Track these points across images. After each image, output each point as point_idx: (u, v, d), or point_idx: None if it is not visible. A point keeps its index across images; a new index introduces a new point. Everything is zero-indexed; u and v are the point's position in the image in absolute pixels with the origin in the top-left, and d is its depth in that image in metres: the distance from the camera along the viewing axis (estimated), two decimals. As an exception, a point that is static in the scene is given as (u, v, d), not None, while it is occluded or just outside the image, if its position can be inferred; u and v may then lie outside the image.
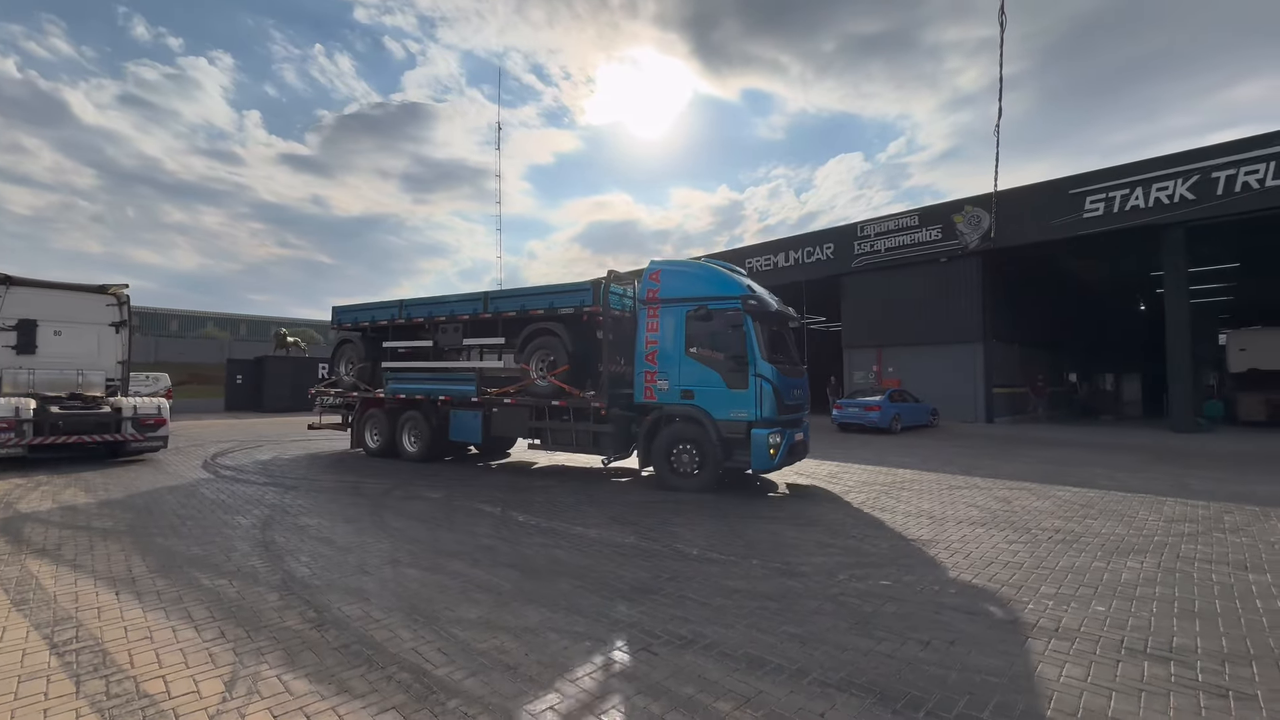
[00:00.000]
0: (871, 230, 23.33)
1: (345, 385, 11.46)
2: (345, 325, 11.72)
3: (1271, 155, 15.33)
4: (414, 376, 10.47)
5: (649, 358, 8.22)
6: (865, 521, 6.22)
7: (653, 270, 8.41)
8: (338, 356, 11.78)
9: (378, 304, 11.29)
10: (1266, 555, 4.99)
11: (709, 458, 7.75)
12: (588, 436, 8.61)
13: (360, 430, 11.25)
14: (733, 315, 7.62)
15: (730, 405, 7.65)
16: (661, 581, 4.28)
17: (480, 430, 9.62)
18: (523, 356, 9.04)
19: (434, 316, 10.33)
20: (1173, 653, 3.17)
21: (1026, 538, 5.54)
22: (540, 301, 9.04)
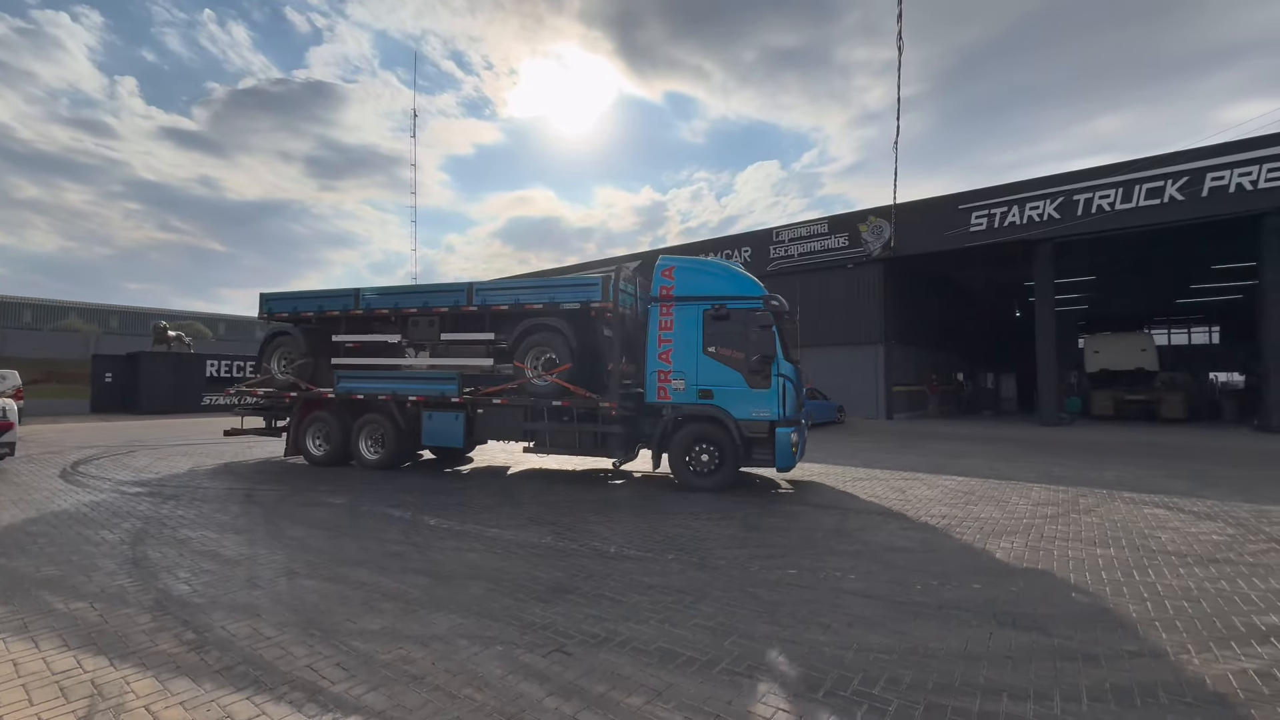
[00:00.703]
0: (786, 236, 24.43)
1: (279, 384, 10.10)
2: (279, 316, 10.37)
3: (1119, 182, 17.53)
4: (376, 375, 9.57)
5: (662, 356, 8.00)
6: (778, 514, 6.50)
7: (665, 266, 8.19)
8: (269, 351, 10.40)
9: (326, 292, 10.11)
10: (1111, 532, 5.71)
11: (728, 457, 7.75)
12: (592, 438, 8.29)
13: (300, 436, 9.85)
14: (760, 315, 7.65)
15: (751, 405, 7.66)
16: (578, 581, 4.26)
17: (462, 434, 8.84)
18: (517, 354, 8.57)
19: (402, 308, 9.40)
20: (1035, 623, 3.55)
21: (919, 525, 6.00)
22: (539, 295, 8.60)
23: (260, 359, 10.58)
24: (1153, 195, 17.09)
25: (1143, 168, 17.39)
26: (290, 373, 10.12)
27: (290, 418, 10.10)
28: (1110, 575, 4.43)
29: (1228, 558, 4.89)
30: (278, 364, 10.35)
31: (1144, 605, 3.82)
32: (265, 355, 10.47)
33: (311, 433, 9.85)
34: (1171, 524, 6.05)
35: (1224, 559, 4.85)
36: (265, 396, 10.43)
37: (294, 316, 10.30)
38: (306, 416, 9.89)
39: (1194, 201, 16.60)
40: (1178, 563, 4.74)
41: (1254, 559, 4.85)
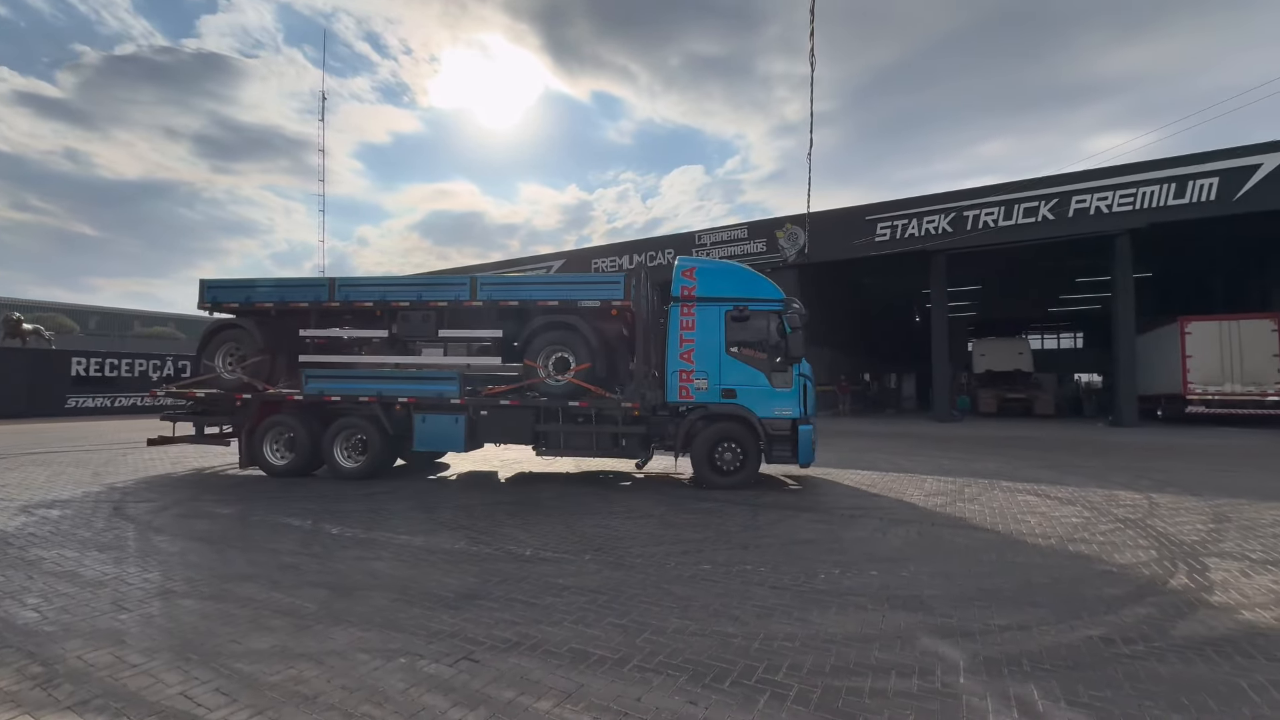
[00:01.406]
0: (708, 239, 25.04)
1: (227, 385, 8.99)
2: (227, 306, 9.23)
3: (1001, 201, 19.37)
4: (357, 374, 8.74)
5: (684, 356, 8.00)
6: (695, 511, 6.64)
7: (686, 267, 8.27)
8: (212, 346, 9.23)
9: (290, 281, 9.22)
10: (990, 518, 6.28)
11: (751, 455, 7.87)
12: (610, 439, 8.10)
13: (256, 443, 8.72)
14: (790, 316, 7.87)
15: (774, 403, 7.88)
16: (490, 586, 4.15)
17: (463, 437, 8.21)
18: (528, 353, 8.22)
19: (390, 301, 8.64)
20: (922, 604, 3.83)
21: (826, 518, 6.34)
22: (554, 292, 8.31)
23: (200, 355, 9.32)
24: (1028, 214, 19.03)
25: (1020, 189, 19.31)
26: (242, 371, 8.97)
27: (241, 424, 8.91)
28: (987, 556, 4.88)
29: (1083, 537, 5.51)
30: (223, 361, 9.20)
31: (1014, 582, 4.24)
32: (207, 351, 9.24)
33: (270, 440, 8.77)
34: (1039, 509, 6.74)
35: (1080, 539, 5.47)
36: (206, 399, 9.15)
37: (247, 308, 9.15)
38: (264, 421, 8.76)
39: (1062, 221, 18.64)
40: (1043, 544, 5.29)
41: (1104, 538, 5.50)
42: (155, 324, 55.69)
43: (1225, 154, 16.74)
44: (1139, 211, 17.57)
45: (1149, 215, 17.46)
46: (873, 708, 2.59)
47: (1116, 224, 17.94)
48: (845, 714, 2.55)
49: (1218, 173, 16.68)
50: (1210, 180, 16.76)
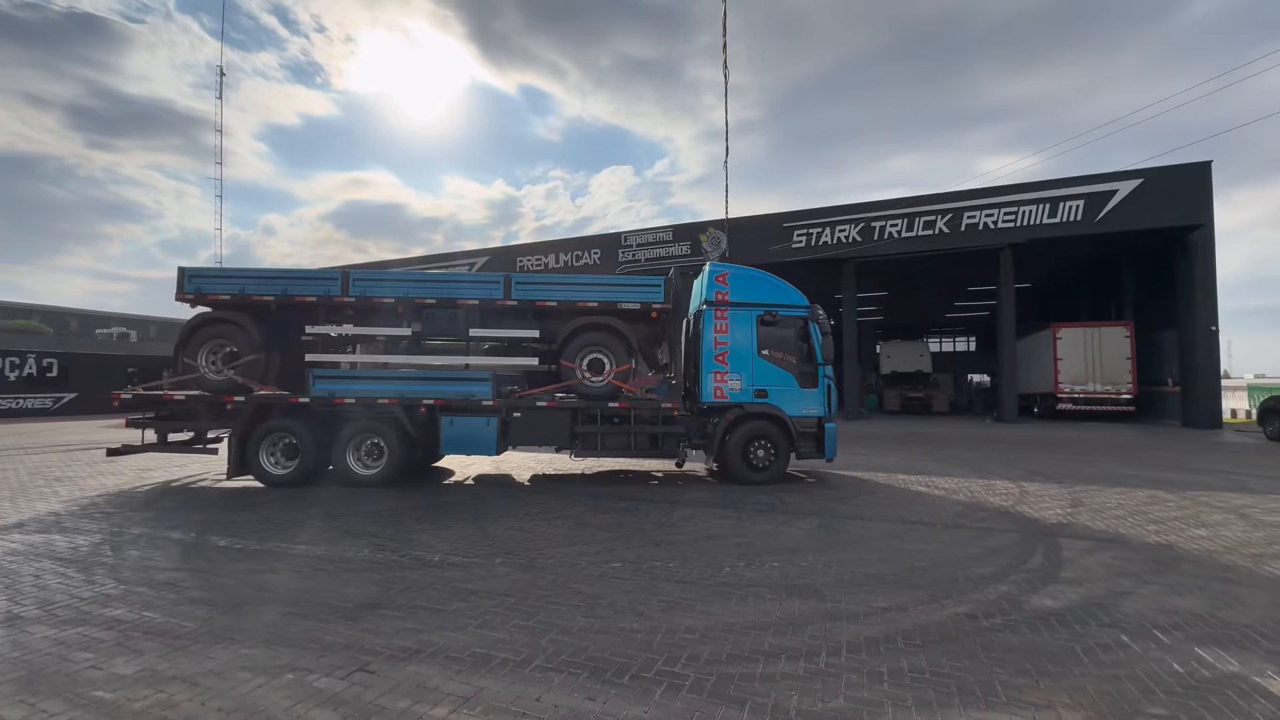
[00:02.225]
0: (634, 241, 25.29)
1: (214, 387, 8.12)
2: (214, 298, 8.29)
3: (904, 214, 20.83)
4: (375, 375, 8.22)
5: (718, 358, 8.35)
6: (610, 511, 6.70)
7: (718, 272, 8.59)
8: (195, 343, 8.25)
9: (293, 272, 8.52)
10: (884, 509, 6.77)
11: (781, 451, 8.31)
12: (649, 439, 8.27)
13: (250, 452, 7.91)
14: (822, 322, 8.44)
15: (802, 403, 8.41)
16: (393, 594, 4.02)
17: (494, 440, 7.97)
18: (565, 353, 8.17)
19: (414, 298, 8.18)
20: (816, 591, 4.09)
21: (735, 513, 6.59)
22: (594, 293, 8.28)
23: (179, 353, 8.28)
24: (928, 227, 20.57)
25: (920, 204, 20.83)
26: (233, 372, 8.11)
27: (230, 430, 8.07)
28: (877, 544, 5.26)
29: (962, 524, 6.06)
30: (206, 359, 8.26)
31: (899, 567, 4.60)
32: (189, 348, 8.24)
33: (268, 447, 7.98)
34: (928, 499, 7.34)
35: (959, 525, 6.01)
36: (187, 403, 8.17)
37: (240, 300, 8.23)
38: (260, 427, 7.97)
39: (956, 234, 20.29)
40: (927, 530, 5.77)
41: (979, 524, 6.07)
42: (17, 316, 49.15)
43: (1089, 180, 18.85)
44: (1019, 228, 19.44)
45: (1027, 232, 19.36)
46: (761, 691, 2.75)
47: (1000, 239, 19.75)
48: (735, 699, 2.68)
49: (1083, 196, 18.75)
50: (1077, 202, 18.82)
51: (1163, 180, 18.04)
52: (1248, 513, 6.58)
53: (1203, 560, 4.81)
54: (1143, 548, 5.18)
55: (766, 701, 2.66)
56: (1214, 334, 17.89)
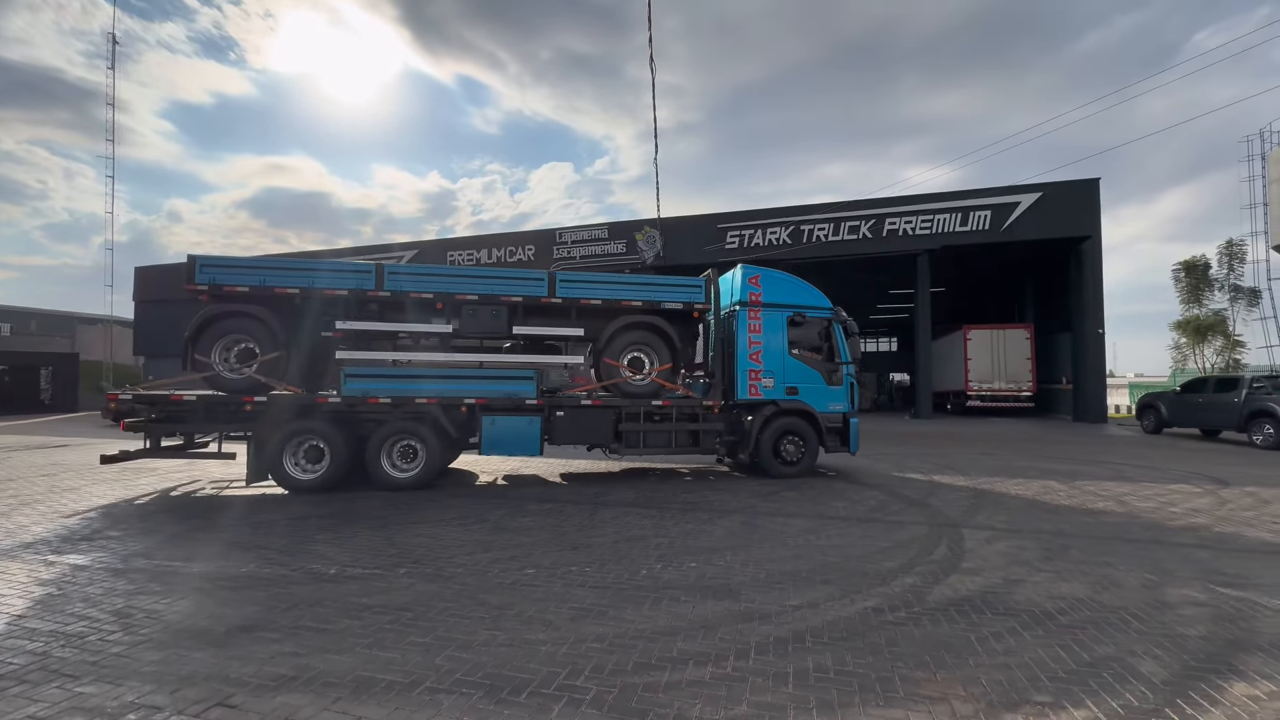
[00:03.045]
0: (569, 238, 24.94)
1: (231, 386, 7.56)
2: (231, 290, 7.60)
3: (831, 219, 21.61)
4: (416, 373, 7.90)
5: (753, 357, 8.65)
6: (531, 514, 6.47)
7: (751, 274, 8.88)
8: (208, 338, 7.57)
9: (322, 264, 8.13)
10: (796, 507, 6.89)
11: (810, 446, 8.69)
12: (689, 436, 8.44)
13: (274, 455, 7.35)
14: (849, 324, 8.94)
15: (829, 400, 8.88)
16: (275, 614, 3.64)
17: (538, 440, 7.92)
18: (608, 352, 8.25)
19: (454, 294, 7.92)
20: (731, 591, 4.05)
21: (659, 513, 6.51)
22: (637, 292, 8.38)
23: (189, 349, 7.57)
24: (852, 231, 21.42)
25: (845, 209, 21.67)
26: (253, 369, 7.58)
27: (250, 434, 7.50)
28: (794, 541, 5.31)
29: (875, 518, 6.25)
30: (220, 356, 7.62)
31: (814, 563, 4.65)
32: (200, 344, 7.56)
33: (292, 450, 7.46)
34: (847, 494, 7.54)
35: (873, 519, 6.18)
36: (199, 404, 7.49)
37: (261, 292, 7.62)
38: (282, 429, 7.41)
39: (878, 239, 21.24)
40: (843, 525, 5.90)
41: (892, 518, 6.27)
42: None
43: (995, 192, 20.20)
44: (934, 235, 20.59)
45: (941, 239, 20.53)
46: (664, 702, 2.64)
47: (918, 245, 20.85)
48: (636, 711, 2.56)
49: (990, 207, 20.08)
50: (985, 212, 20.13)
51: (1058, 194, 19.59)
52: (1126, 500, 7.16)
53: (1087, 547, 5.14)
54: (1036, 536, 5.49)
55: (669, 712, 2.56)
56: (1101, 336, 19.60)
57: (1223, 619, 3.55)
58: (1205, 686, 2.77)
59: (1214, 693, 2.71)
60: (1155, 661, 3.01)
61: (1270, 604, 3.80)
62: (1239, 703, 2.63)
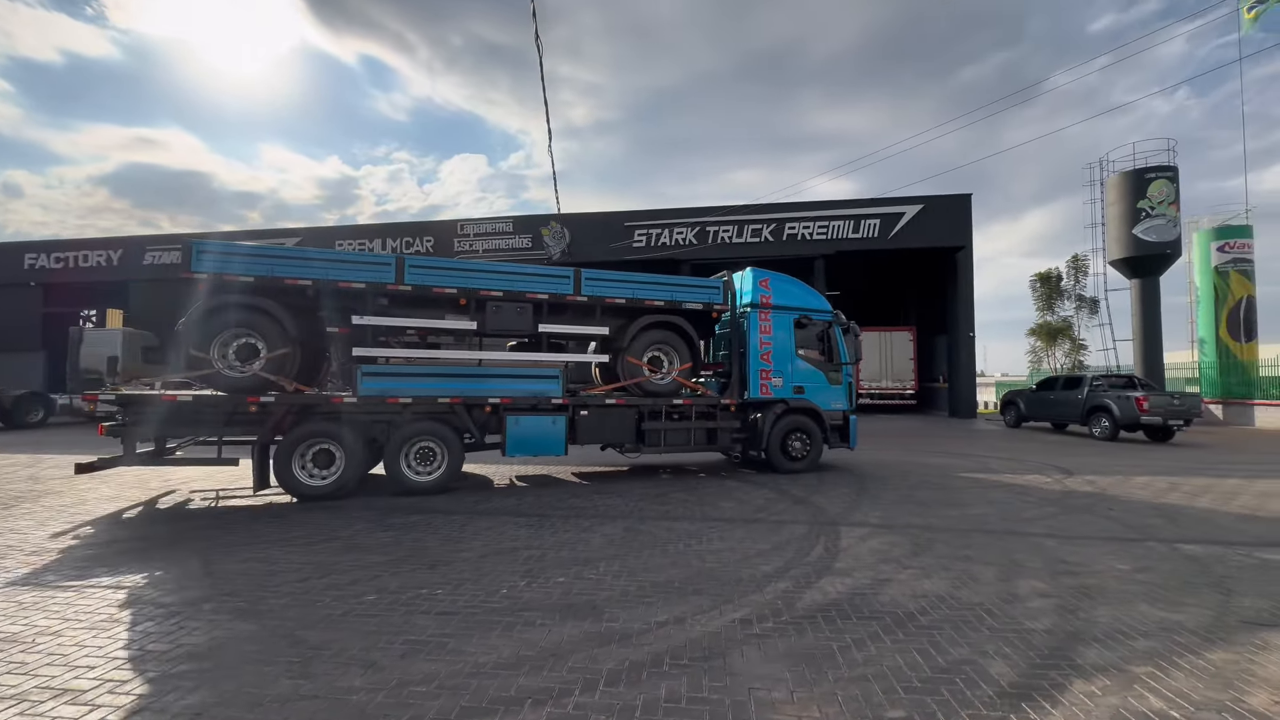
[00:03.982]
0: (471, 230, 23.79)
1: (232, 384, 6.94)
2: (234, 278, 6.98)
3: (734, 220, 22.08)
4: (438, 372, 7.57)
5: (763, 357, 8.95)
6: (395, 528, 5.81)
7: (761, 277, 9.21)
8: (206, 332, 6.89)
9: (336, 255, 7.60)
10: (692, 508, 6.72)
11: (816, 442, 9.12)
12: (704, 434, 8.68)
13: (283, 460, 6.88)
14: (852, 326, 9.50)
15: (831, 398, 9.36)
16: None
17: (563, 439, 7.86)
18: (630, 351, 8.30)
19: (478, 289, 7.63)
20: (595, 609, 3.70)
21: (538, 521, 6.08)
22: (659, 292, 8.47)
23: (184, 343, 6.90)
24: (755, 234, 21.99)
25: (749, 212, 22.21)
26: (260, 367, 6.96)
27: (256, 437, 7.01)
28: (676, 547, 5.08)
29: (760, 518, 6.17)
30: (217, 350, 6.94)
31: (690, 571, 4.42)
32: (198, 339, 6.87)
33: (301, 455, 6.98)
34: (737, 494, 7.48)
35: (757, 519, 6.10)
36: (194, 405, 6.89)
37: (269, 283, 7.01)
38: (294, 432, 6.95)
39: (779, 243, 21.94)
40: (727, 527, 5.75)
41: (776, 517, 6.23)
42: None
43: (883, 202, 21.50)
44: (829, 240, 21.58)
45: (836, 244, 21.55)
46: (482, 759, 2.24)
47: (815, 249, 21.77)
48: (445, 776, 2.14)
49: (879, 216, 21.34)
50: (874, 221, 21.36)
51: (937, 207, 21.16)
52: (988, 491, 7.61)
53: (951, 540, 5.30)
54: (906, 531, 5.61)
55: (486, 772, 2.15)
56: (972, 339, 21.38)
57: (1065, 610, 3.67)
58: (1047, 685, 2.76)
59: (1055, 692, 2.71)
60: (1004, 661, 3.00)
61: (1104, 586, 4.01)
62: (1077, 701, 2.63)
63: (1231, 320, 20.99)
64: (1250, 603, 3.79)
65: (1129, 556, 4.82)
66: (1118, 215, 21.95)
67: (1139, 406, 13.72)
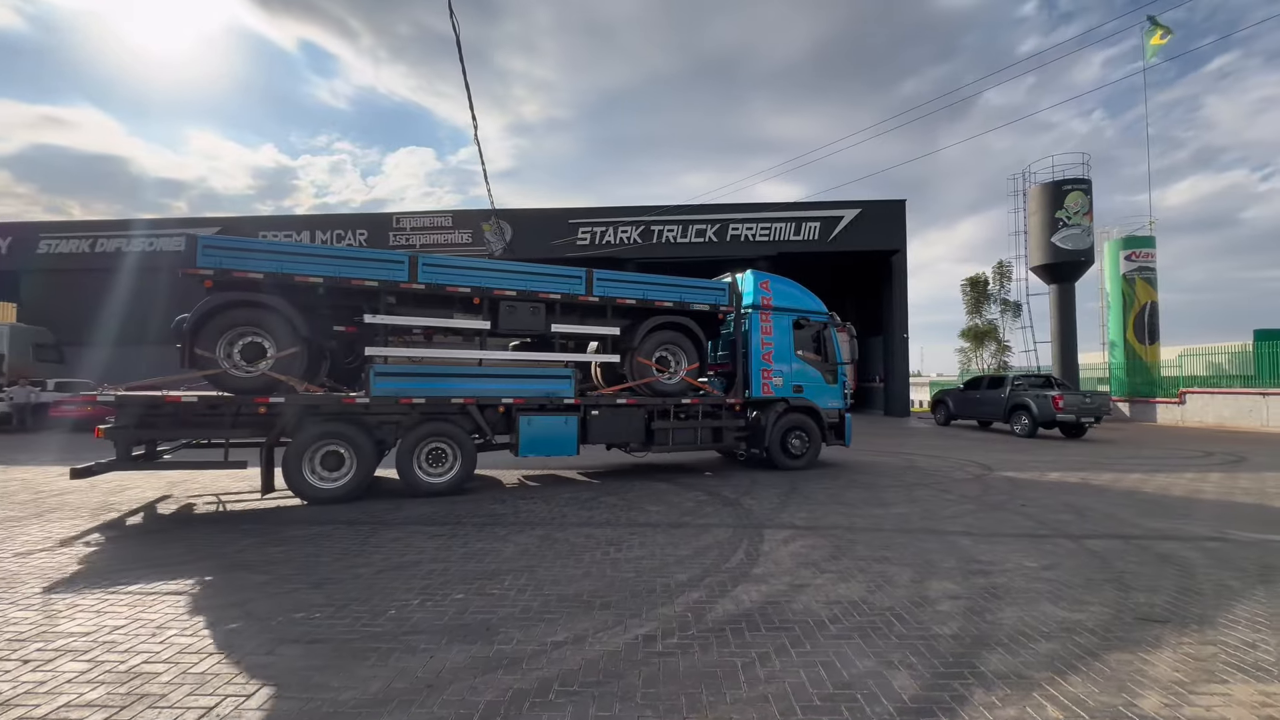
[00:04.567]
0: (408, 224, 22.86)
1: (240, 385, 6.73)
2: (242, 275, 6.68)
3: (679, 221, 22.06)
4: (450, 372, 7.52)
5: (765, 357, 9.18)
6: (290, 541, 5.30)
7: (762, 280, 9.42)
8: (211, 331, 6.66)
9: (347, 251, 7.45)
10: (619, 513, 6.48)
11: (814, 440, 9.40)
12: (710, 433, 8.83)
13: (293, 463, 6.72)
14: (849, 327, 9.32)
15: (828, 397, 9.66)
16: None
17: (575, 439, 7.89)
18: (640, 351, 8.40)
19: (492, 289, 7.60)
20: (489, 629, 3.40)
21: (450, 529, 5.70)
22: (668, 293, 8.59)
23: (189, 343, 6.66)
24: (699, 235, 22.05)
25: (693, 213, 22.21)
26: (268, 366, 6.86)
27: (264, 439, 6.93)
28: (592, 556, 4.81)
29: (686, 522, 5.99)
30: (224, 351, 6.79)
31: (602, 582, 4.17)
32: (202, 337, 6.68)
33: (312, 457, 6.87)
34: (666, 497, 7.29)
35: (682, 524, 5.92)
36: (200, 406, 6.67)
37: (279, 280, 6.82)
38: (307, 433, 6.83)
39: (723, 244, 22.07)
40: (650, 533, 5.54)
41: (701, 522, 6.06)
42: None
43: (823, 205, 21.96)
44: (772, 242, 21.88)
45: (778, 245, 21.87)
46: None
47: (758, 250, 22.02)
48: None
49: (819, 219, 21.78)
50: (815, 224, 21.79)
51: (874, 211, 21.79)
52: (913, 489, 7.72)
53: (872, 541, 5.26)
54: (830, 533, 5.55)
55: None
56: (906, 340, 22.13)
57: (972, 613, 3.62)
58: (948, 698, 2.65)
59: (956, 705, 2.60)
60: (908, 673, 2.89)
61: (1012, 585, 4.01)
62: (977, 714, 2.53)
63: (1137, 324, 22.54)
64: (1145, 598, 3.86)
65: (1038, 553, 4.89)
66: (1038, 224, 23.21)
67: (1055, 405, 14.45)
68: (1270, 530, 5.66)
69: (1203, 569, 4.45)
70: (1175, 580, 4.20)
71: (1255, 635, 3.28)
